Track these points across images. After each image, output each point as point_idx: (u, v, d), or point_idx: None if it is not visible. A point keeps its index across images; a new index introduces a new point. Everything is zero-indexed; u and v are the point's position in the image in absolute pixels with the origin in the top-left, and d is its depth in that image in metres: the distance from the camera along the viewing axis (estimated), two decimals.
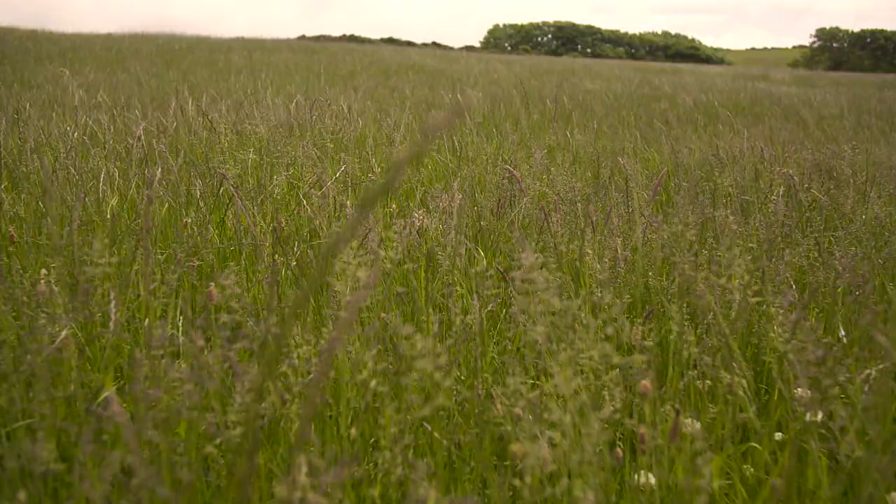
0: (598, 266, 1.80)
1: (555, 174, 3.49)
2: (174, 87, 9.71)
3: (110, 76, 11.85)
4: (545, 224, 2.56)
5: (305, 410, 0.87)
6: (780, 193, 2.96)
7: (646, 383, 1.19)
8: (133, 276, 1.94)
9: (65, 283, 1.68)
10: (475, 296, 1.39)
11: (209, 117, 5.21)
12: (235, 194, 2.03)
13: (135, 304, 1.78)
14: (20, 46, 17.32)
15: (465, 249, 2.19)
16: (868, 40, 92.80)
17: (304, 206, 2.50)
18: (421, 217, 2.82)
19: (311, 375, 1.31)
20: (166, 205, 2.83)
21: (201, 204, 2.86)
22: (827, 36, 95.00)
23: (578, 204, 2.84)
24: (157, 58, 18.03)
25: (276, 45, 25.21)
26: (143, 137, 3.16)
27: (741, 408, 1.37)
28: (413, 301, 1.66)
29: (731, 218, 2.06)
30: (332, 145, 4.34)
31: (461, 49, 43.73)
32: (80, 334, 1.72)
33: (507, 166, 2.93)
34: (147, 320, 1.86)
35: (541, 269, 1.05)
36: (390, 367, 1.17)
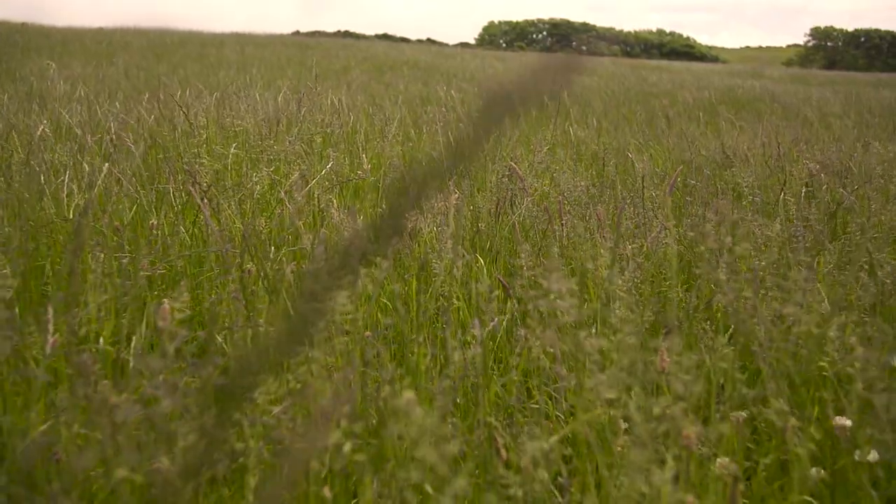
0: (620, 281, 1.56)
1: (558, 172, 3.26)
2: (162, 80, 9.44)
3: (97, 69, 11.57)
4: (549, 227, 2.33)
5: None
6: (803, 194, 2.74)
7: (689, 434, 0.96)
8: (86, 289, 1.70)
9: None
10: (476, 321, 1.16)
11: (190, 111, 4.96)
12: (196, 195, 1.79)
13: (82, 320, 1.54)
14: (8, 39, 17.00)
15: (463, 258, 1.96)
16: (862, 39, 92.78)
17: (286, 206, 2.26)
18: (413, 218, 2.58)
19: (279, 409, 1.08)
20: (136, 205, 2.59)
21: (176, 203, 2.62)
22: (821, 35, 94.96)
23: (588, 206, 2.61)
24: (148, 51, 17.76)
25: (270, 41, 24.90)
26: (113, 131, 2.92)
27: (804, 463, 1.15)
28: (402, 334, 1.42)
29: (779, 227, 1.83)
30: (319, 140, 4.10)
31: (456, 46, 43.53)
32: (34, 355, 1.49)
33: (510, 162, 2.70)
34: (101, 341, 1.63)
35: (569, 295, 0.83)
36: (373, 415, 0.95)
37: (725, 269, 1.23)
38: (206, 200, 1.83)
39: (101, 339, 1.63)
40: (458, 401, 1.51)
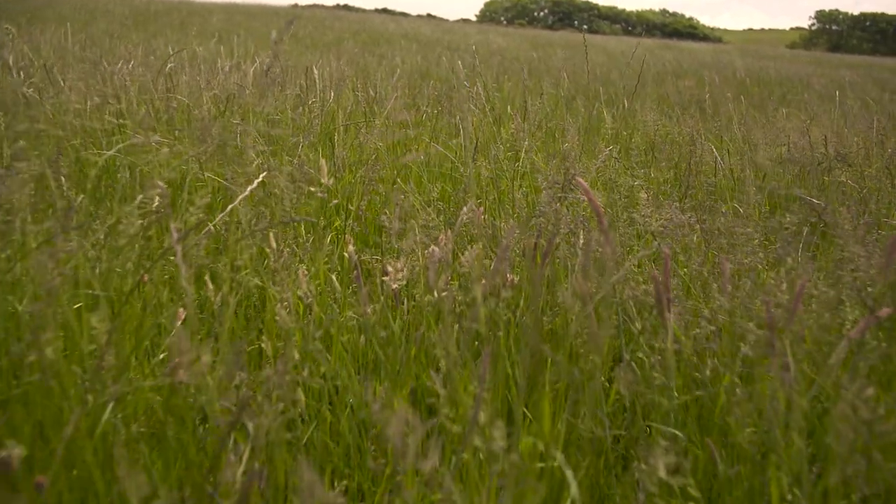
0: None
1: (622, 181, 2.16)
2: (129, 49, 8.28)
3: (61, 37, 10.39)
4: (656, 313, 1.24)
5: None
6: None
7: None
8: None
9: None
10: None
11: (128, 85, 3.86)
12: None
13: None
14: None
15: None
16: (868, 23, 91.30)
17: (148, 283, 1.16)
18: (399, 275, 1.49)
19: None
20: None
21: None
22: (826, 18, 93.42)
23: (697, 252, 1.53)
24: (128, 19, 16.63)
25: (261, 11, 23.62)
26: None
27: None
28: None
29: None
30: (269, 124, 2.99)
31: (457, 21, 42.43)
32: None
33: (575, 176, 1.60)
34: None
35: None
36: None
37: None
38: None
39: None
40: None
